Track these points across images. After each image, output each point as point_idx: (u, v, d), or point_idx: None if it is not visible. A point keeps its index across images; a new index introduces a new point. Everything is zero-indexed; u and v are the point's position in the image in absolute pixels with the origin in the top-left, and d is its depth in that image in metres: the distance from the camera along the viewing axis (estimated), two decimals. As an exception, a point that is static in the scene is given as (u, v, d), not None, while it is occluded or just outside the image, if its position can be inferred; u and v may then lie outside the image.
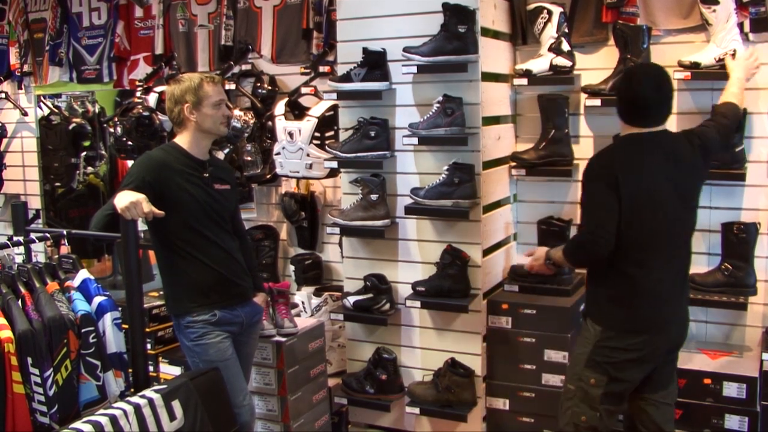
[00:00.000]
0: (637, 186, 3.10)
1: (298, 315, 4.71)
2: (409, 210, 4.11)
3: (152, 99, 5.22)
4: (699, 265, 4.09)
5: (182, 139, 3.57)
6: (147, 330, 4.52)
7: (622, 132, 3.30)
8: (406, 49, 3.98)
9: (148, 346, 4.44)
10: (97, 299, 3.21)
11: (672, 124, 4.09)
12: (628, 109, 3.24)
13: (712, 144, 3.37)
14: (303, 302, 4.85)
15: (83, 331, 3.07)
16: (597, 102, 4.11)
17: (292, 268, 5.16)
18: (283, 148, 4.81)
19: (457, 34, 3.91)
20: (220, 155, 4.91)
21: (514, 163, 4.36)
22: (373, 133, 4.16)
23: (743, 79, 3.73)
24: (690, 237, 3.32)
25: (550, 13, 4.20)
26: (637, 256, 3.14)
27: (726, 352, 4.05)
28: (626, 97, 3.24)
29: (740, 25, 3.96)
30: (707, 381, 3.80)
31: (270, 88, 5.22)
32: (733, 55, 3.86)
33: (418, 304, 4.14)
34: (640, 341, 3.17)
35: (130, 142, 5.16)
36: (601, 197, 3.11)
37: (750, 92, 3.98)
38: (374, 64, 4.15)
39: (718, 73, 3.90)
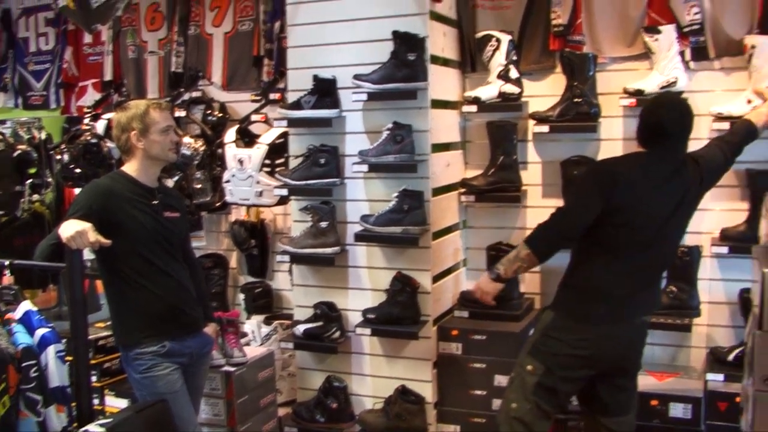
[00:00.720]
0: (630, 197, 3.14)
1: (248, 344, 4.65)
2: (359, 237, 4.10)
3: (101, 126, 5.15)
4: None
5: (130, 167, 3.51)
6: (93, 362, 4.43)
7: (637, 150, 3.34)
8: (356, 77, 3.99)
9: (94, 378, 4.35)
10: (40, 331, 3.10)
11: (618, 148, 4.19)
12: (645, 133, 3.27)
13: (712, 165, 3.38)
14: (253, 331, 4.80)
15: (24, 365, 2.97)
16: (545, 128, 4.16)
17: (241, 296, 5.12)
18: (233, 175, 4.78)
19: (407, 61, 3.94)
20: (170, 183, 4.85)
21: (463, 190, 4.38)
22: (323, 161, 4.15)
23: None
24: (668, 258, 3.38)
25: (498, 41, 4.24)
26: (612, 260, 3.19)
27: (672, 373, 4.10)
28: (647, 122, 3.26)
29: (681, 54, 4.06)
30: (654, 402, 3.85)
31: (220, 115, 5.19)
32: (674, 83, 3.95)
33: (368, 331, 4.12)
34: (586, 340, 3.19)
35: (77, 170, 5.08)
36: (587, 192, 3.20)
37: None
38: (324, 91, 4.15)
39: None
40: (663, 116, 3.22)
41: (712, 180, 3.43)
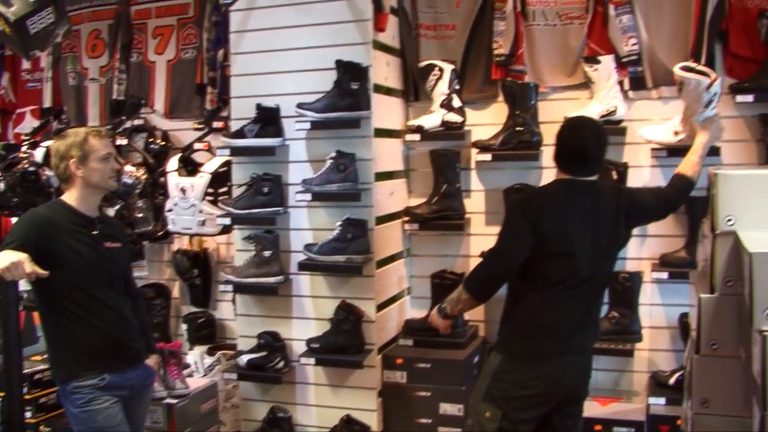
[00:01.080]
0: (559, 225, 3.25)
1: (191, 375, 4.72)
2: (303, 266, 4.22)
3: (39, 154, 5.17)
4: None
5: (70, 196, 3.51)
6: (27, 396, 4.41)
7: (556, 177, 3.42)
8: (299, 106, 4.13)
9: (29, 414, 4.35)
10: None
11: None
12: (568, 157, 3.36)
13: (641, 208, 3.47)
14: (195, 362, 4.87)
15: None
16: (488, 157, 4.34)
17: (184, 326, 5.19)
18: (176, 204, 4.88)
19: (350, 90, 4.09)
20: (111, 212, 4.92)
21: (407, 218, 4.54)
22: (266, 189, 4.28)
23: (706, 144, 3.68)
24: (603, 284, 3.48)
25: (441, 70, 4.42)
26: (550, 292, 3.27)
27: (615, 398, 4.28)
28: (569, 147, 3.35)
29: (620, 83, 4.27)
30: (598, 427, 4.01)
31: (163, 143, 5.31)
32: (614, 111, 4.16)
33: (312, 361, 4.23)
34: (537, 378, 3.27)
35: (14, 198, 5.08)
36: (516, 227, 3.27)
37: (631, 147, 4.30)
38: (268, 120, 4.28)
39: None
40: (586, 139, 3.32)
41: (638, 220, 3.55)
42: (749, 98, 4.01)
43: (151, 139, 5.32)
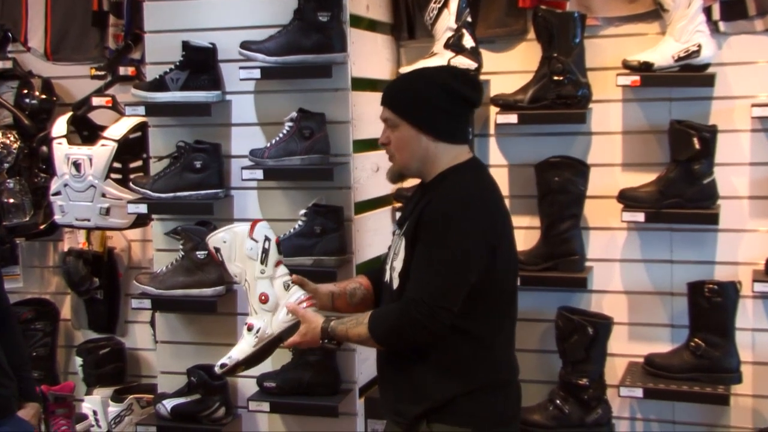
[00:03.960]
0: (508, 240, 3.35)
1: (88, 431, 4.75)
2: (253, 272, 4.26)
3: None
4: (659, 341, 4.45)
5: None
6: None
7: (441, 157, 3.31)
8: (244, 45, 4.13)
9: None
10: None
11: (617, 145, 4.50)
12: (467, 117, 3.41)
13: None
14: (95, 411, 4.89)
15: None
16: (512, 118, 4.37)
17: (78, 361, 5.19)
18: (66, 185, 4.86)
19: (318, 24, 4.10)
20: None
21: (399, 204, 4.58)
22: (198, 164, 4.29)
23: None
24: None
25: (446, -6, 4.46)
26: (508, 324, 3.39)
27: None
28: (471, 98, 3.34)
29: (707, 11, 4.28)
30: None
31: (44, 96, 5.30)
32: (696, 52, 4.19)
33: (266, 406, 4.24)
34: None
35: None
36: (468, 261, 3.20)
37: (722, 102, 4.38)
38: (199, 65, 4.28)
39: (678, 77, 4.25)
40: (465, 87, 3.33)
41: None
42: None
43: (25, 91, 5.30)
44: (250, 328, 3.43)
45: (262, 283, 3.42)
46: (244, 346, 3.45)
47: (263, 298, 3.41)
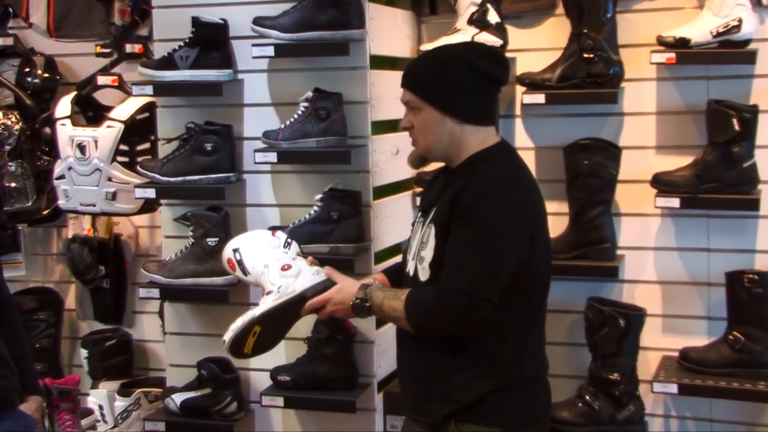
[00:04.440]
0: (544, 228, 3.35)
1: (93, 427, 4.78)
2: (266, 260, 4.28)
3: None
4: (695, 335, 4.46)
5: None
6: None
7: (468, 140, 3.30)
8: (257, 21, 4.14)
9: None
10: None
11: (650, 126, 4.49)
12: (478, 96, 3.31)
13: None
14: (101, 406, 4.92)
15: None
16: (540, 98, 4.39)
17: (84, 353, 5.24)
18: (70, 168, 4.89)
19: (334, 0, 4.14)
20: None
21: (420, 189, 4.60)
22: (209, 147, 4.31)
23: None
24: None
25: (470, -34, 4.47)
26: (540, 317, 3.38)
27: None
28: (498, 76, 3.32)
29: (749, -17, 4.27)
30: None
31: (46, 75, 5.33)
32: (737, 27, 4.18)
33: (280, 401, 4.27)
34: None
35: None
36: (509, 249, 3.19)
37: (764, 81, 4.36)
38: (210, 42, 4.30)
39: (716, 54, 4.23)
40: (502, 70, 3.34)
41: None
42: None
43: (27, 69, 5.32)
44: (268, 294, 3.33)
45: (284, 257, 3.36)
46: (258, 307, 3.35)
47: (285, 266, 3.32)
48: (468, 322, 3.10)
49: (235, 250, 3.41)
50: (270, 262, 3.37)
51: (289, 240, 3.39)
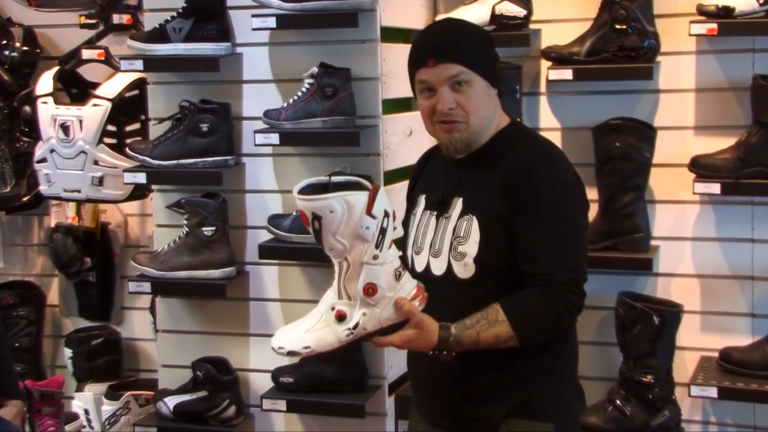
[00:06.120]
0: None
1: (79, 432, 4.80)
2: (267, 251, 4.27)
3: None
4: (737, 333, 4.44)
5: None
6: None
7: (498, 115, 3.30)
8: (257, -10, 4.15)
9: None
10: None
11: (689, 105, 4.47)
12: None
13: None
14: (87, 410, 4.93)
15: None
16: (567, 74, 4.36)
17: (68, 353, 5.24)
18: (53, 150, 4.89)
19: (342, -36, 4.11)
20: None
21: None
22: (205, 127, 4.31)
23: None
24: None
25: (491, -74, 4.45)
26: None
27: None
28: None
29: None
30: None
31: (25, 48, 5.31)
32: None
33: (282, 405, 4.27)
34: None
35: None
36: (586, 226, 3.34)
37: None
38: (205, 12, 4.31)
39: (763, 25, 4.18)
40: None
41: None
42: None
43: (3, 42, 5.31)
44: (341, 318, 3.11)
45: (372, 271, 3.10)
46: (328, 338, 3.13)
47: (370, 290, 3.11)
48: (579, 309, 3.18)
49: (317, 218, 3.14)
50: (355, 249, 3.07)
51: (383, 229, 3.18)
